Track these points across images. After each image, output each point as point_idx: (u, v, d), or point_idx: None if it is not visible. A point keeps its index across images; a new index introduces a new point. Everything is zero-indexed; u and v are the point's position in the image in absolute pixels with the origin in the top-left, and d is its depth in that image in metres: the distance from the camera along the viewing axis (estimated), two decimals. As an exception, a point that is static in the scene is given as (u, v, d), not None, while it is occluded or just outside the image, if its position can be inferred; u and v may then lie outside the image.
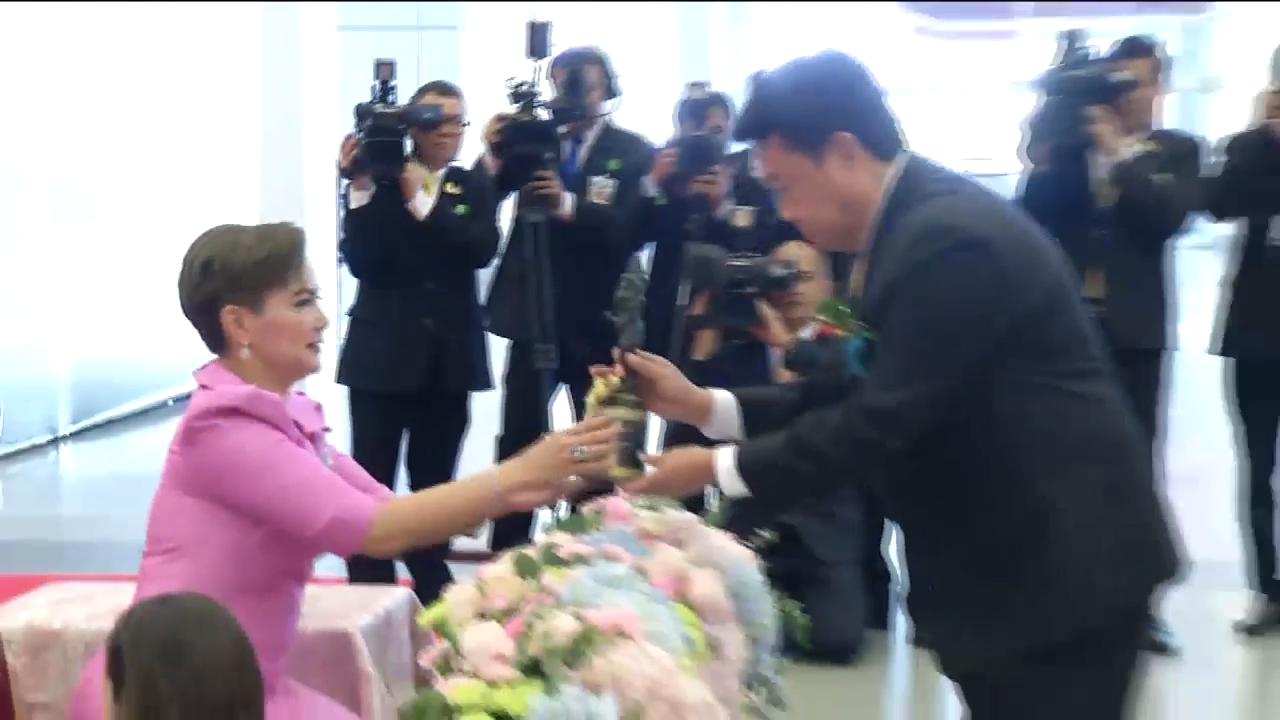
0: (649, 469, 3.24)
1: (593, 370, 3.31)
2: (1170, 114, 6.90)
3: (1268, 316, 6.23)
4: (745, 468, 3.07)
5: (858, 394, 2.98)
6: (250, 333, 3.37)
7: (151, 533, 3.40)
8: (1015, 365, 2.96)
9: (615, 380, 3.27)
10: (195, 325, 3.44)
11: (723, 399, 3.32)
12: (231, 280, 3.36)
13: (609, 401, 3.24)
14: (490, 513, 3.47)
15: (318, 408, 3.62)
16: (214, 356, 3.45)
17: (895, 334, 2.97)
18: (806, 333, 5.96)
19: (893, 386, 2.93)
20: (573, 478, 3.33)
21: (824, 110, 3.06)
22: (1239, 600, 6.45)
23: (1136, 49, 6.28)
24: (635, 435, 3.25)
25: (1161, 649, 6.02)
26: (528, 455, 3.35)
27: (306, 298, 3.42)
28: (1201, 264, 6.60)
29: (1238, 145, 6.28)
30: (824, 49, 3.19)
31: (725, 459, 3.09)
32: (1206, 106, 20.89)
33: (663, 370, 3.30)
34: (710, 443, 3.26)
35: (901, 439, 2.96)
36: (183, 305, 3.44)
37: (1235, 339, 6.37)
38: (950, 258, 2.93)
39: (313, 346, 3.44)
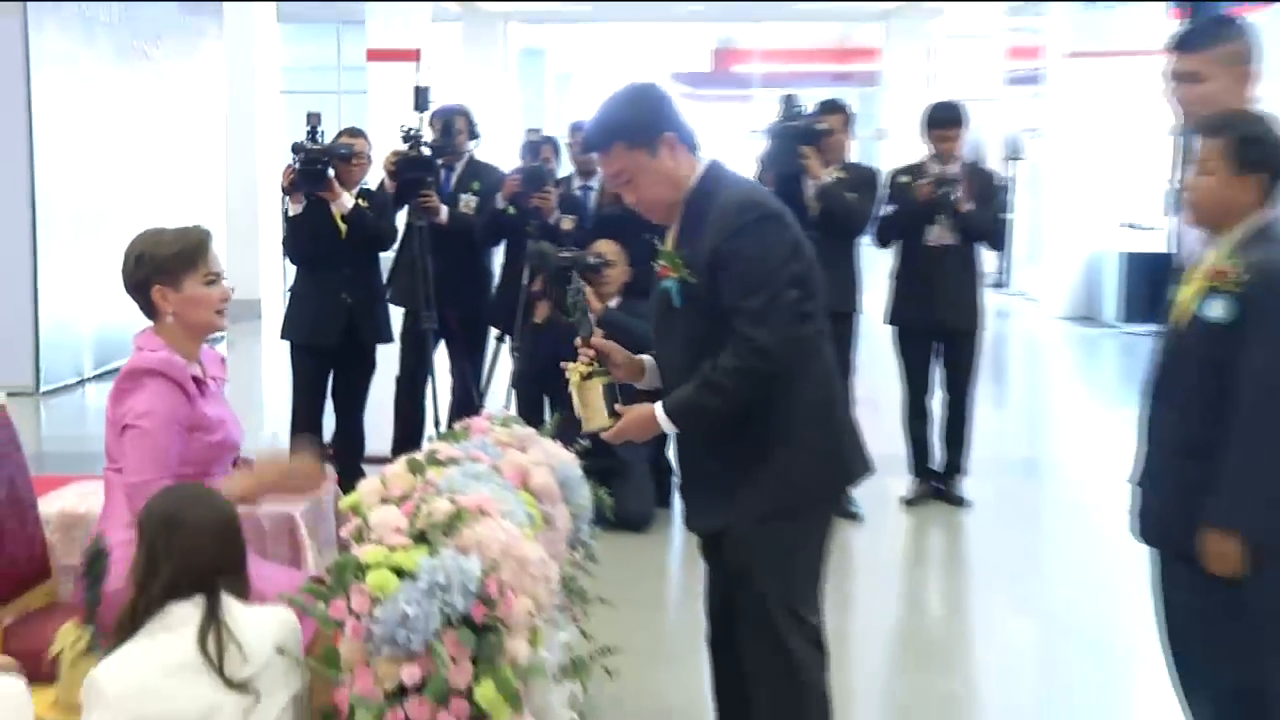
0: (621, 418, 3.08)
1: (565, 365, 3.12)
2: (854, 153, 6.95)
3: (919, 296, 6.30)
4: (670, 411, 2.99)
5: (744, 339, 2.88)
6: (173, 304, 3.23)
7: (107, 453, 3.25)
8: None
9: (589, 362, 3.11)
10: (134, 300, 3.28)
11: (649, 360, 3.20)
12: (157, 267, 3.22)
13: (589, 376, 3.09)
14: None
15: (222, 360, 3.48)
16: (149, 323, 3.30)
17: (737, 289, 2.89)
18: (613, 303, 5.94)
19: (757, 329, 2.86)
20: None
21: (653, 117, 3.00)
22: (903, 482, 6.55)
23: (832, 108, 6.34)
24: (611, 394, 3.10)
25: (851, 516, 6.12)
26: (256, 472, 3.30)
27: (213, 278, 3.27)
28: (879, 257, 6.64)
29: (897, 190, 6.30)
30: (638, 79, 3.15)
31: (659, 409, 2.99)
32: (878, 149, 21.26)
33: (613, 345, 3.16)
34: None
35: (778, 365, 2.89)
36: (124, 286, 3.28)
37: (899, 312, 6.43)
38: (761, 224, 2.90)
39: (220, 313, 3.29)
